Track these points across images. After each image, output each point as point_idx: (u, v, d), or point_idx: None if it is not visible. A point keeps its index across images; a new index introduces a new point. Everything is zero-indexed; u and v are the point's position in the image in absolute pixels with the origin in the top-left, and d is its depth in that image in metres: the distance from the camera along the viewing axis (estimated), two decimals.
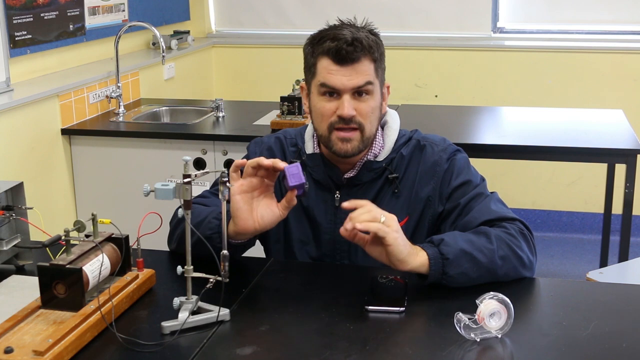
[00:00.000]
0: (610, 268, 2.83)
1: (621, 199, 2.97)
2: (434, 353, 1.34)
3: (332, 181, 1.78)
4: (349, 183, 1.77)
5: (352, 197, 1.73)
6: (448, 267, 1.55)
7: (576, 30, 4.45)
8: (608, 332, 1.41)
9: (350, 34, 1.67)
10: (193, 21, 4.72)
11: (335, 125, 1.69)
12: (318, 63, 1.70)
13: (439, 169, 1.76)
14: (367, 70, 1.68)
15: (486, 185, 1.78)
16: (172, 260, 1.74)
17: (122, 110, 3.57)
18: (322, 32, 1.72)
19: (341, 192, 1.78)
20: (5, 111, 2.91)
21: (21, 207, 1.71)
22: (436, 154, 1.77)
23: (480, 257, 1.57)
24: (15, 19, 3.06)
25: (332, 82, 1.67)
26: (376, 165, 1.76)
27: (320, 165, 1.79)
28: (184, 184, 1.39)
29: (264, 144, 1.87)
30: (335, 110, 1.68)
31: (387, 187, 1.77)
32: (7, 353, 1.26)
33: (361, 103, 1.69)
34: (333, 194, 1.78)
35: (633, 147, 2.98)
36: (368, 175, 1.76)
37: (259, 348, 1.36)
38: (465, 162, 1.79)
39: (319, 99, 1.71)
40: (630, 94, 4.29)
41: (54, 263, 1.42)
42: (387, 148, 1.78)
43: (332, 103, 1.69)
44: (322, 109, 1.70)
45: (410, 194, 1.76)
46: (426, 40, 4.53)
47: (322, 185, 1.79)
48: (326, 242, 1.79)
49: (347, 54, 1.66)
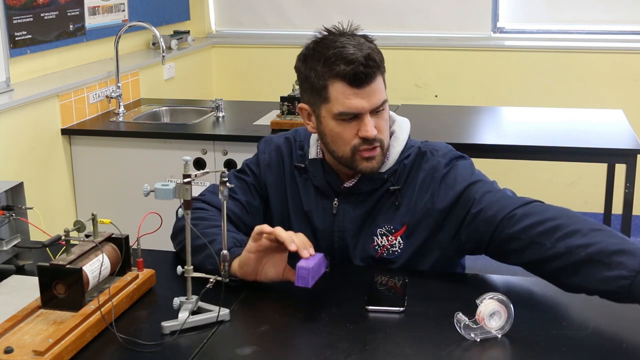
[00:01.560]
0: None
1: (621, 199, 2.97)
2: (434, 353, 1.34)
3: (331, 188, 1.76)
4: (348, 191, 1.74)
5: (350, 206, 1.74)
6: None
7: (576, 30, 4.45)
8: (608, 332, 1.41)
9: (358, 51, 1.61)
10: (193, 21, 4.73)
11: (359, 147, 1.65)
12: (330, 87, 1.62)
13: (437, 175, 1.70)
14: (381, 87, 1.65)
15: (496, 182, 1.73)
16: (172, 260, 1.74)
17: (122, 110, 3.57)
18: (324, 51, 1.63)
19: (339, 200, 1.75)
20: (5, 111, 2.91)
21: (21, 207, 1.71)
22: (435, 160, 1.72)
23: None
24: (15, 19, 3.06)
25: (354, 107, 1.61)
26: (377, 176, 1.71)
27: (320, 171, 1.76)
28: (184, 184, 1.39)
29: (273, 144, 1.85)
30: (357, 133, 1.64)
31: (386, 198, 1.72)
32: (7, 353, 1.26)
33: (379, 120, 1.65)
34: (331, 201, 1.76)
35: (633, 147, 2.98)
36: (368, 185, 1.72)
37: (259, 348, 1.36)
38: (468, 167, 1.73)
39: (336, 124, 1.65)
40: (630, 94, 4.29)
41: (54, 263, 1.42)
42: (392, 159, 1.72)
43: (352, 125, 1.64)
44: (342, 134, 1.65)
45: (410, 203, 1.71)
46: (426, 40, 4.53)
47: (321, 191, 1.77)
48: (324, 248, 1.75)
49: (365, 77, 1.60)
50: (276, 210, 1.81)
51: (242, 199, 1.80)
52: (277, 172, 1.82)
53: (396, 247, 1.71)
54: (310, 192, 1.78)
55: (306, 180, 1.79)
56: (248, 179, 1.82)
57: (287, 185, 1.81)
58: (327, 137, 1.68)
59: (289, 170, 1.81)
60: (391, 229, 1.71)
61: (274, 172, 1.82)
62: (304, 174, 1.79)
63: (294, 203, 1.80)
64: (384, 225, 1.71)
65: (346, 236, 1.74)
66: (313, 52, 1.66)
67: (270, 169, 1.82)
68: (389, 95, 1.87)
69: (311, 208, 1.78)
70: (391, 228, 1.71)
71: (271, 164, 1.82)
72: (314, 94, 1.67)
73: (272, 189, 1.81)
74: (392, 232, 1.71)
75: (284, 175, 1.81)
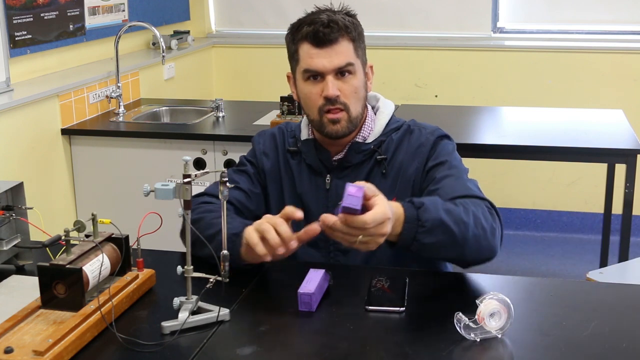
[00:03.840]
0: (610, 268, 2.83)
1: (621, 199, 2.97)
2: (434, 353, 1.34)
3: (323, 164, 1.82)
4: (339, 166, 1.81)
5: (342, 180, 1.78)
6: (421, 235, 1.51)
7: (576, 30, 4.45)
8: (608, 332, 1.41)
9: (327, 16, 1.74)
10: (193, 21, 4.72)
11: (323, 108, 1.74)
12: (299, 49, 1.76)
13: (423, 150, 1.79)
14: (347, 50, 1.74)
15: (467, 173, 1.77)
16: (172, 260, 1.74)
17: (122, 110, 3.57)
18: (300, 19, 1.78)
19: (332, 176, 1.82)
20: (5, 111, 2.91)
21: (21, 207, 1.71)
22: (423, 136, 1.81)
23: (455, 230, 1.53)
24: (15, 19, 3.06)
25: (314, 66, 1.73)
26: (364, 147, 1.80)
27: (312, 149, 1.84)
28: (184, 184, 1.39)
29: (267, 134, 1.94)
30: (321, 93, 1.74)
31: (376, 169, 1.80)
32: (7, 353, 1.26)
33: (344, 83, 1.74)
34: (324, 177, 1.82)
35: (633, 147, 2.98)
36: (356, 157, 1.80)
37: (259, 348, 1.36)
38: (451, 147, 1.81)
39: (304, 84, 1.77)
40: (630, 94, 4.29)
41: (54, 263, 1.42)
42: (377, 131, 1.82)
43: (317, 86, 1.75)
44: (309, 94, 1.76)
45: (398, 175, 1.79)
46: (426, 40, 4.53)
47: (314, 169, 1.84)
48: None
49: (324, 35, 1.71)
50: (273, 195, 1.88)
51: (244, 187, 1.86)
52: (273, 159, 1.89)
53: None
54: (304, 174, 1.85)
55: (299, 163, 1.86)
56: (248, 169, 1.90)
57: (281, 171, 1.88)
58: (301, 100, 1.81)
59: (283, 155, 1.89)
60: None
61: (269, 159, 1.89)
62: (297, 157, 1.87)
63: (288, 187, 1.86)
64: None
65: None
66: (294, 23, 1.80)
67: (266, 156, 1.90)
68: (389, 95, 1.88)
69: (304, 189, 1.84)
70: None
71: (266, 151, 1.90)
72: (291, 59, 1.82)
73: (269, 175, 1.89)
74: None
75: (279, 161, 1.89)
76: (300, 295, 1.48)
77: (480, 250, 1.59)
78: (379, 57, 4.55)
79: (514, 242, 4.43)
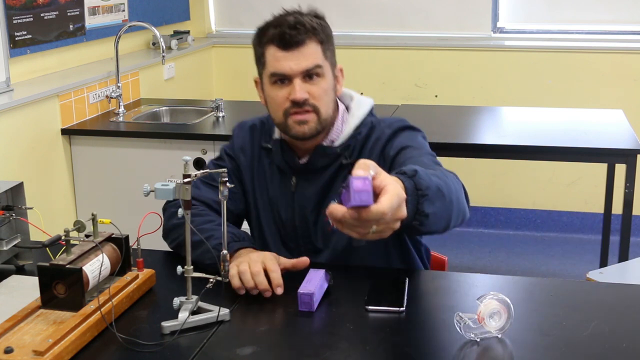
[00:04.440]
0: (610, 268, 2.83)
1: (621, 199, 2.97)
2: (434, 353, 1.34)
3: (289, 166, 1.80)
4: (305, 169, 1.78)
5: (307, 182, 1.78)
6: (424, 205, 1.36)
7: (576, 30, 4.45)
8: (608, 332, 1.41)
9: (294, 18, 1.70)
10: (193, 21, 4.72)
11: (289, 110, 1.70)
12: (266, 52, 1.72)
13: (378, 145, 1.73)
14: (314, 52, 1.70)
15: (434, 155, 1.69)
16: (172, 260, 1.74)
17: (122, 110, 3.57)
18: (267, 22, 1.74)
19: (297, 178, 1.79)
20: (5, 111, 2.90)
21: (21, 207, 1.71)
22: (380, 130, 1.75)
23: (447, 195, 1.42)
24: (15, 19, 3.06)
25: (281, 69, 1.69)
26: (330, 150, 1.75)
27: (279, 151, 1.81)
28: (184, 184, 1.39)
29: (246, 127, 1.92)
30: (288, 97, 1.69)
31: (340, 173, 1.75)
32: (7, 353, 1.26)
33: (313, 86, 1.69)
34: (290, 179, 1.80)
35: (633, 147, 2.98)
36: (322, 161, 1.76)
37: (259, 348, 1.36)
38: (412, 137, 1.73)
39: (271, 88, 1.73)
40: (630, 94, 4.29)
41: (54, 263, 1.42)
42: (345, 134, 1.76)
43: (283, 90, 1.70)
44: (275, 98, 1.72)
45: None
46: (426, 40, 4.53)
47: (281, 171, 1.82)
48: (288, 227, 1.81)
49: (291, 37, 1.67)
50: (249, 193, 1.86)
51: None
52: (249, 155, 1.87)
53: None
54: (274, 174, 1.83)
55: (270, 163, 1.84)
56: (226, 165, 1.86)
57: (255, 169, 1.86)
58: (267, 104, 1.77)
59: (257, 152, 1.86)
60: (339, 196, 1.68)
61: (246, 156, 1.87)
62: (270, 155, 1.84)
63: (260, 186, 1.85)
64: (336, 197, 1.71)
65: (306, 213, 1.78)
66: (260, 26, 1.76)
67: (243, 152, 1.88)
68: (389, 95, 1.86)
69: (274, 189, 1.83)
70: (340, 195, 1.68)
71: (244, 147, 1.88)
72: (257, 63, 1.78)
73: (245, 172, 1.87)
74: None
75: (253, 158, 1.86)
76: (300, 295, 1.48)
77: (460, 214, 1.51)
78: (379, 57, 4.56)
79: (514, 242, 4.43)
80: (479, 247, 4.36)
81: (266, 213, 1.84)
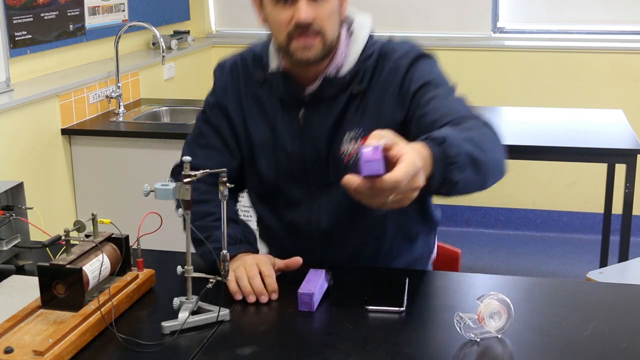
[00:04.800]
0: (610, 268, 2.83)
1: (621, 199, 2.97)
2: (434, 353, 1.34)
3: (295, 98, 1.69)
4: (313, 99, 1.68)
5: (317, 115, 1.67)
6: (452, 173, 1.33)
7: (576, 30, 4.45)
8: (608, 332, 1.41)
9: None
10: (193, 21, 4.72)
11: (293, 33, 1.59)
12: None
13: (397, 77, 1.65)
14: None
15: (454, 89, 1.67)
16: (172, 260, 1.74)
17: (122, 110, 3.57)
18: None
19: (306, 111, 1.69)
20: (5, 111, 2.90)
21: (21, 207, 1.71)
22: (395, 62, 1.66)
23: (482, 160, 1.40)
24: (15, 19, 3.06)
25: None
26: (338, 79, 1.66)
27: (281, 82, 1.70)
28: (184, 184, 1.39)
29: (226, 67, 1.80)
30: (292, 19, 1.58)
31: (352, 102, 1.67)
32: (7, 353, 1.26)
33: (318, 8, 1.58)
34: (297, 112, 1.70)
35: (633, 147, 2.98)
36: (330, 90, 1.67)
37: (259, 348, 1.36)
38: (429, 66, 1.67)
39: (273, 8, 1.61)
40: (630, 94, 4.29)
41: (54, 263, 1.42)
42: (351, 60, 1.67)
43: (287, 11, 1.59)
44: (277, 19, 1.60)
45: (377, 111, 1.65)
46: (426, 40, 4.47)
47: (285, 103, 1.71)
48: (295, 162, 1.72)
49: None
50: (241, 136, 1.77)
51: (216, 144, 1.77)
52: (235, 97, 1.77)
53: None
54: (276, 108, 1.72)
55: (271, 95, 1.73)
56: (212, 119, 1.78)
57: (246, 108, 1.75)
58: (269, 25, 1.65)
59: (246, 90, 1.75)
60: (360, 132, 1.64)
61: (231, 98, 1.77)
62: (265, 87, 1.73)
63: (255, 125, 1.74)
64: (353, 129, 1.65)
65: (317, 146, 1.69)
66: None
67: (227, 95, 1.77)
68: None
69: (279, 125, 1.72)
70: (360, 131, 1.64)
71: (227, 89, 1.78)
72: None
73: (235, 115, 1.76)
74: (362, 135, 1.61)
75: (241, 99, 1.76)
76: (300, 295, 1.48)
77: (498, 173, 1.49)
78: None
79: (514, 242, 4.43)
80: (479, 247, 4.36)
81: (266, 152, 1.74)
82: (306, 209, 1.75)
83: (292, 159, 1.73)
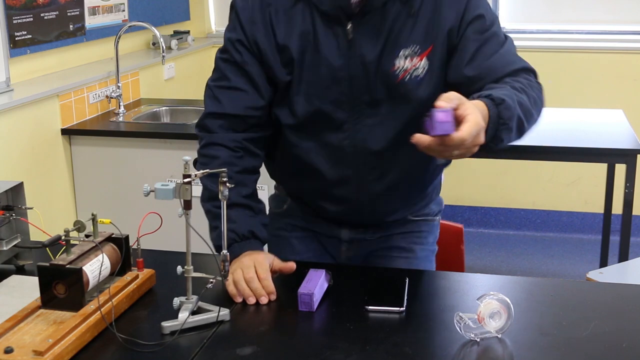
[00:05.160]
0: (610, 268, 2.83)
1: (621, 199, 2.97)
2: (434, 353, 1.34)
3: (341, 10, 1.57)
4: (361, 12, 1.56)
5: (365, 27, 1.57)
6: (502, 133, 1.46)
7: (576, 30, 4.45)
8: (608, 332, 1.41)
9: None
10: (193, 21, 4.72)
11: None
12: None
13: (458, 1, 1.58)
14: None
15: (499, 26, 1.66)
16: (172, 260, 1.74)
17: (122, 110, 3.57)
18: None
19: (353, 23, 1.57)
20: (5, 111, 2.91)
21: (21, 207, 1.71)
22: None
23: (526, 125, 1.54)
24: (15, 19, 3.06)
25: None
26: None
27: None
28: (184, 184, 1.39)
29: None
30: None
31: (404, 13, 1.57)
32: (7, 353, 1.26)
33: None
34: (344, 26, 1.58)
35: (633, 147, 2.98)
36: None
37: (259, 348, 1.36)
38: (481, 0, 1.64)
39: None
40: (630, 94, 4.30)
41: (54, 263, 1.42)
42: None
43: None
44: None
45: (432, 19, 1.57)
46: None
47: (330, 18, 1.59)
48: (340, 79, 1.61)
49: None
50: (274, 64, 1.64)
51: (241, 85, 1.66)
52: (264, 24, 1.63)
53: (420, 71, 1.59)
54: (317, 23, 1.60)
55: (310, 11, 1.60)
56: (236, 57, 1.66)
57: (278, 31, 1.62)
58: None
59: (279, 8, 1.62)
60: (416, 49, 1.58)
61: (260, 26, 1.63)
62: (301, 3, 1.60)
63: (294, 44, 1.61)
64: (408, 45, 1.58)
65: (366, 61, 1.59)
66: None
67: (255, 25, 1.63)
68: None
69: (321, 42, 1.59)
70: (416, 49, 1.58)
71: (255, 17, 1.63)
72: None
73: (264, 44, 1.63)
74: (418, 53, 1.58)
75: (272, 22, 1.62)
76: (300, 295, 1.48)
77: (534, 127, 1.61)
78: None
79: (514, 242, 4.43)
80: (479, 247, 4.36)
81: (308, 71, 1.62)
82: (352, 130, 1.65)
83: (337, 78, 1.61)
